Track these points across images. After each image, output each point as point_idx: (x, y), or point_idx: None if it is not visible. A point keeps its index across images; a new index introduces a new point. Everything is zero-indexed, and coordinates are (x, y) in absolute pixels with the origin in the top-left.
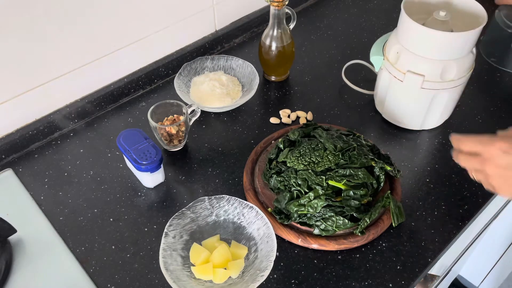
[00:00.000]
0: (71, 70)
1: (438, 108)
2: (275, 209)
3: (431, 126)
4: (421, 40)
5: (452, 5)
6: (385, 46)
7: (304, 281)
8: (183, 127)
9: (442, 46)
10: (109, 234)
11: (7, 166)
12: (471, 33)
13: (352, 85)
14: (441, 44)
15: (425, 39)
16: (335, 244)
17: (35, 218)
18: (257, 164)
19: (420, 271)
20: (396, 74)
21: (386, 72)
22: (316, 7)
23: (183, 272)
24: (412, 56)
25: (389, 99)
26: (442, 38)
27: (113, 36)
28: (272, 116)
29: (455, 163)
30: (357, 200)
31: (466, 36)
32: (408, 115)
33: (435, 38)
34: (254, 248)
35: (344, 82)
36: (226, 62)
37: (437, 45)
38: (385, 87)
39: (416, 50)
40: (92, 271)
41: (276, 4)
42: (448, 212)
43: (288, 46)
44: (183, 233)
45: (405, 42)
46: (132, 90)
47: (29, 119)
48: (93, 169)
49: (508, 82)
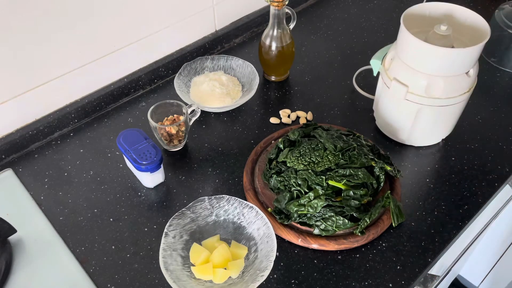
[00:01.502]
0: (71, 70)
1: (423, 125)
2: (275, 209)
3: (419, 144)
4: (406, 48)
5: (455, 18)
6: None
7: (304, 281)
8: (183, 127)
9: (427, 58)
10: (109, 234)
11: (7, 166)
12: (458, 51)
13: (358, 89)
14: (425, 56)
15: (411, 49)
16: (335, 244)
17: (35, 218)
18: (257, 164)
19: (420, 271)
20: (386, 81)
21: (381, 77)
22: (316, 7)
23: (183, 272)
24: (400, 64)
25: (380, 106)
26: (426, 50)
27: (113, 36)
28: (272, 116)
29: (455, 163)
30: (357, 200)
31: (453, 53)
32: (394, 126)
33: (419, 49)
34: (254, 248)
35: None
36: (226, 62)
37: (422, 57)
38: (378, 93)
39: (404, 59)
40: (92, 271)
41: (276, 4)
42: (448, 212)
43: (288, 46)
44: (183, 233)
45: (398, 50)
46: (132, 90)
47: (29, 119)
48: (93, 169)
49: (508, 82)
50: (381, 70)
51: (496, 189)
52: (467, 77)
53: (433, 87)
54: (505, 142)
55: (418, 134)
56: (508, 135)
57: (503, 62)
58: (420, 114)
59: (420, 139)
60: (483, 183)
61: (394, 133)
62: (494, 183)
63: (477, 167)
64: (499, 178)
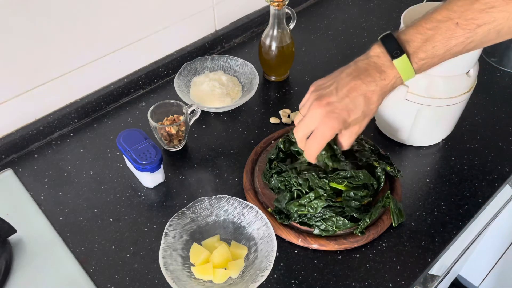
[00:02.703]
0: (71, 70)
1: (423, 125)
2: (275, 209)
3: (419, 144)
4: None
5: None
6: None
7: (304, 281)
8: (183, 127)
9: None
10: (109, 234)
11: (7, 166)
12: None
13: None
14: None
15: None
16: (335, 244)
17: (35, 218)
18: (257, 164)
19: (420, 271)
20: None
21: None
22: (316, 7)
23: (183, 272)
24: None
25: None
26: None
27: (113, 36)
28: (272, 116)
29: (455, 163)
30: (357, 201)
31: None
32: (394, 126)
33: None
34: (254, 248)
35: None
36: (226, 62)
37: None
38: None
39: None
40: (92, 271)
41: (276, 4)
42: (448, 212)
43: (288, 46)
44: (183, 233)
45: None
46: (132, 90)
47: (29, 119)
48: (93, 169)
49: (508, 82)
50: None
51: (496, 189)
52: (467, 77)
53: (433, 87)
54: (505, 142)
55: (418, 134)
56: (508, 135)
57: (503, 62)
58: (420, 114)
59: (420, 139)
60: (483, 183)
61: (394, 133)
62: (494, 183)
63: (477, 167)
64: (499, 178)
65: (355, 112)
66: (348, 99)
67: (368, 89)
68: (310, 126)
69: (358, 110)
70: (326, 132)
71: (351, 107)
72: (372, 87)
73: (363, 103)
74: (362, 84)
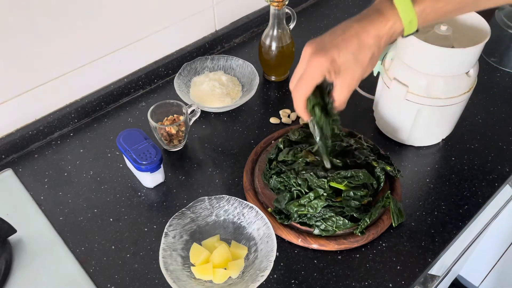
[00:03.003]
0: (71, 70)
1: (423, 125)
2: (275, 209)
3: (419, 144)
4: (406, 48)
5: (455, 18)
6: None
7: (304, 281)
8: (183, 127)
9: (427, 59)
10: (109, 234)
11: (7, 166)
12: (458, 51)
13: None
14: (425, 56)
15: (410, 49)
16: (335, 244)
17: (35, 218)
18: (257, 164)
19: (420, 271)
20: (386, 81)
21: (381, 77)
22: (316, 7)
23: (183, 272)
24: (400, 64)
25: (380, 106)
26: (426, 50)
27: (113, 36)
28: (272, 116)
29: (455, 163)
30: (357, 200)
31: (453, 54)
32: (394, 126)
33: (419, 49)
34: (254, 248)
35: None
36: (226, 62)
37: (421, 57)
38: (379, 93)
39: (404, 59)
40: (92, 271)
41: (276, 4)
42: (448, 212)
43: (288, 46)
44: (183, 233)
45: (398, 50)
46: (132, 90)
47: (29, 119)
48: (93, 169)
49: (508, 82)
50: (381, 70)
51: (496, 189)
52: (467, 77)
53: (433, 87)
54: (505, 142)
55: (418, 134)
56: (508, 135)
57: (503, 62)
58: (420, 114)
59: (420, 139)
60: (483, 183)
61: (394, 133)
62: (494, 183)
63: (477, 167)
64: (499, 178)
65: (345, 52)
66: (340, 38)
67: (363, 30)
68: (300, 69)
69: (348, 50)
70: (314, 70)
71: (342, 46)
72: (368, 28)
73: (356, 44)
74: (358, 26)
